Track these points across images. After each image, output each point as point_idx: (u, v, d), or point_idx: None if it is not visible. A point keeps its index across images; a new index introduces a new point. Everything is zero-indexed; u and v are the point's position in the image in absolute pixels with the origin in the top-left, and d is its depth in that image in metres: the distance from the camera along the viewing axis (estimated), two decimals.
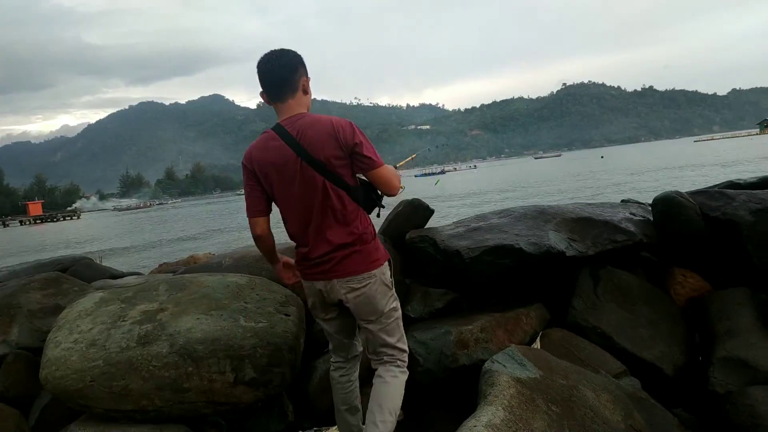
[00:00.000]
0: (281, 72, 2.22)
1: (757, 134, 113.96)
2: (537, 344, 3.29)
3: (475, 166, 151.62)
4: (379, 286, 2.24)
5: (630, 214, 4.31)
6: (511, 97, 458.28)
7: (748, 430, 2.65)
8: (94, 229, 50.57)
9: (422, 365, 3.11)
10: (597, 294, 3.72)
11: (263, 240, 2.30)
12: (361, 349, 2.49)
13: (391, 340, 2.30)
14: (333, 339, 2.40)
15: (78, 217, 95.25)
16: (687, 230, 3.96)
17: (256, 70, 2.23)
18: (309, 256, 2.20)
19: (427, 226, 4.36)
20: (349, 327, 2.39)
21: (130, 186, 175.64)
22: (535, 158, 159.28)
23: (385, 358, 2.31)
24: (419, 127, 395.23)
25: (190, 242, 22.38)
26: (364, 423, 2.28)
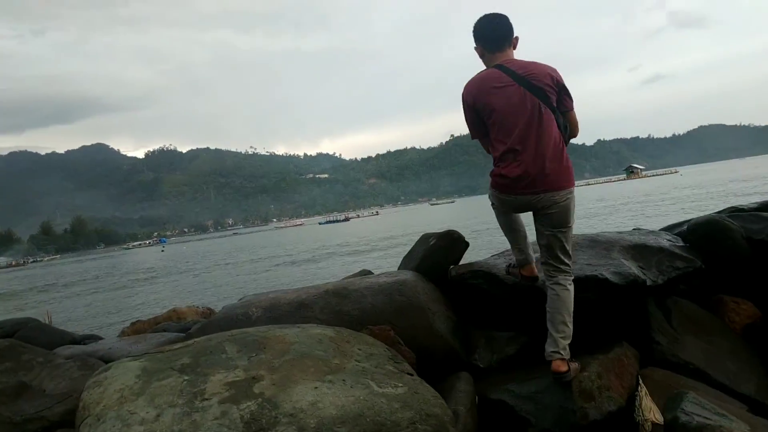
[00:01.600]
0: (505, 29, 2.77)
1: (624, 179, 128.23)
2: (643, 387, 2.86)
3: (377, 212, 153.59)
4: (573, 200, 2.76)
5: (668, 240, 4.12)
6: (404, 147, 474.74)
7: None
8: None
9: (535, 425, 2.56)
10: (673, 326, 3.41)
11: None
12: None
13: (569, 247, 2.81)
14: (520, 233, 3.04)
15: None
16: (733, 254, 3.82)
17: (482, 25, 2.77)
18: (527, 172, 2.65)
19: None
20: None
21: None
22: (431, 204, 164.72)
23: (562, 266, 2.81)
24: (318, 176, 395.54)
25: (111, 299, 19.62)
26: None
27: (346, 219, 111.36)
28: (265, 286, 16.20)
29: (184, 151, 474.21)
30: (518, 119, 2.64)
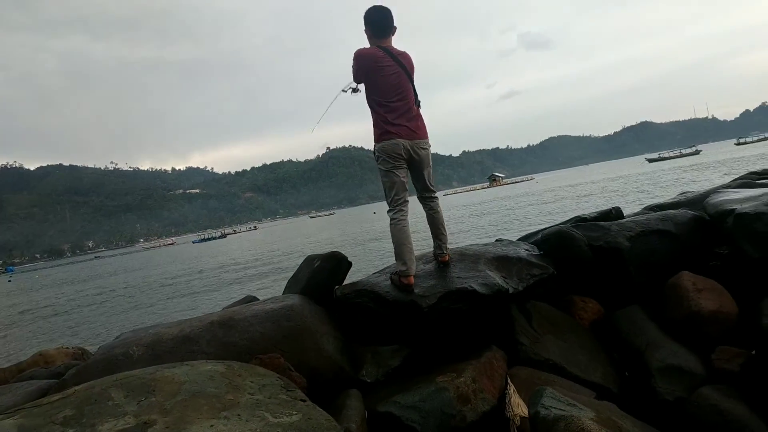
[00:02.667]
0: (390, 21, 3.75)
1: (488, 186, 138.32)
2: (511, 386, 3.21)
3: (255, 227, 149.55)
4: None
5: (525, 249, 4.62)
6: (281, 160, 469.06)
7: (719, 427, 2.93)
8: None
9: None
10: (534, 328, 3.84)
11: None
12: None
13: (433, 181, 3.94)
14: (403, 187, 3.73)
15: None
16: (579, 259, 4.38)
17: (373, 15, 3.72)
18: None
19: None
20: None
21: None
22: (311, 217, 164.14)
23: (433, 195, 3.96)
24: (188, 191, 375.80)
25: None
26: None
27: (223, 236, 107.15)
28: (141, 320, 15.05)
29: (32, 169, 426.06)
30: (396, 87, 3.69)
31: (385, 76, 3.66)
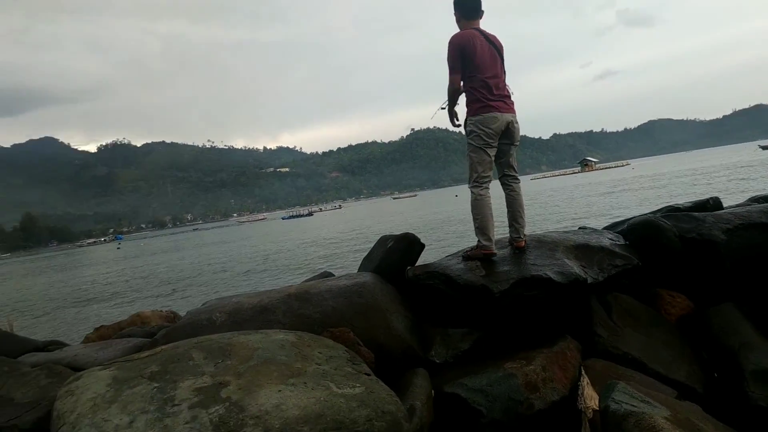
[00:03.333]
0: (479, 4, 3.85)
1: (578, 171, 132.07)
2: (585, 377, 3.11)
3: (339, 206, 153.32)
4: None
5: (609, 239, 4.41)
6: (366, 141, 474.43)
7: None
8: None
9: (486, 416, 2.76)
10: (613, 320, 3.69)
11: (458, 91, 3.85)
12: None
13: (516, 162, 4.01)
14: (490, 166, 3.78)
15: None
16: (668, 252, 4.13)
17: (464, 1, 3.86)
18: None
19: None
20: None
21: None
22: (393, 198, 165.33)
23: (516, 176, 3.99)
24: (278, 170, 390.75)
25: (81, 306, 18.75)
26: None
27: (310, 213, 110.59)
28: (228, 288, 15.98)
29: (138, 145, 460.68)
30: (492, 65, 3.76)
31: (481, 55, 3.73)
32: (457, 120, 3.96)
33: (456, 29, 3.89)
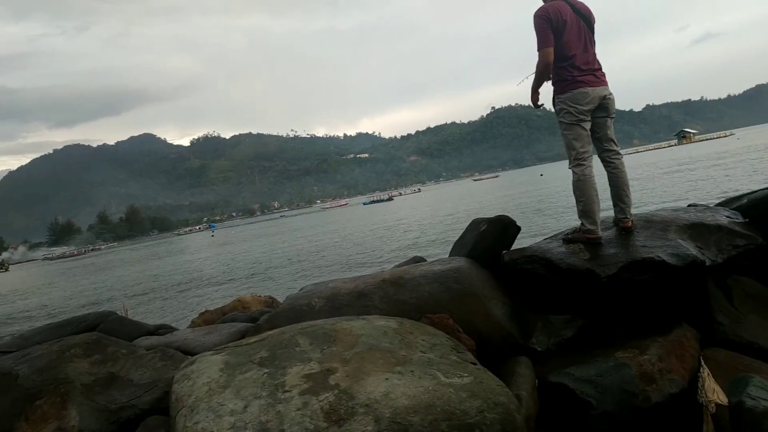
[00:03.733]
0: None
1: (675, 144, 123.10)
2: (705, 369, 2.86)
3: (419, 189, 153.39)
4: None
5: (726, 216, 4.02)
6: (444, 122, 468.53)
7: None
8: (32, 280, 46.48)
9: (597, 408, 2.60)
10: (735, 306, 3.37)
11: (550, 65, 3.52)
12: None
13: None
14: (588, 140, 3.57)
15: (6, 269, 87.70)
16: None
17: None
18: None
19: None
20: None
21: (61, 233, 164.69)
22: (474, 180, 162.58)
23: (617, 150, 3.69)
24: (358, 156, 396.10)
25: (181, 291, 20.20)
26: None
27: (390, 198, 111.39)
28: (321, 273, 16.41)
29: (227, 137, 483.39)
30: (580, 38, 3.53)
31: (569, 29, 3.51)
32: (537, 98, 3.72)
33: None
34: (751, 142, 60.52)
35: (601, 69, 3.63)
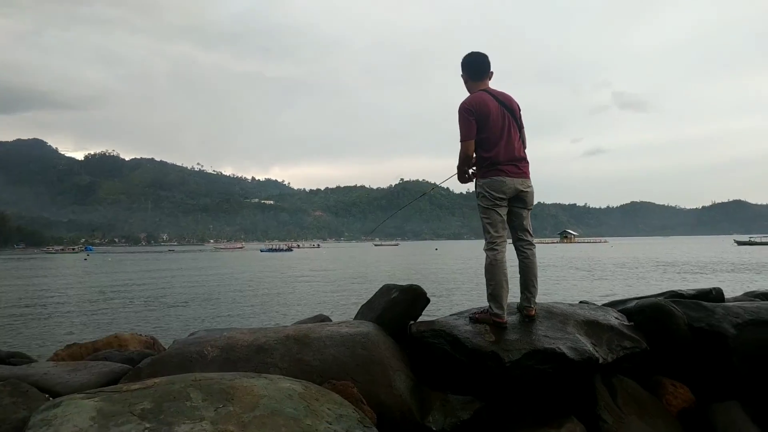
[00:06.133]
0: (487, 65, 3.76)
1: (558, 242, 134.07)
2: None
3: (318, 245, 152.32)
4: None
5: (615, 317, 4.28)
6: (354, 184, 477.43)
7: None
8: None
9: None
10: (618, 405, 3.52)
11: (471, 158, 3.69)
12: None
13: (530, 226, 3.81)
14: (503, 226, 3.65)
15: None
16: (675, 339, 4.01)
17: (471, 59, 3.77)
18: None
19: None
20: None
21: None
22: (375, 245, 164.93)
23: (531, 240, 3.80)
24: (263, 202, 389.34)
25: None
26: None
27: (289, 249, 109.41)
28: (211, 319, 15.18)
29: (126, 159, 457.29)
30: (502, 129, 3.61)
31: (493, 119, 3.59)
32: (468, 176, 3.85)
33: (464, 91, 3.79)
34: (622, 252, 66.98)
35: (524, 160, 3.74)
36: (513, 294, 3.69)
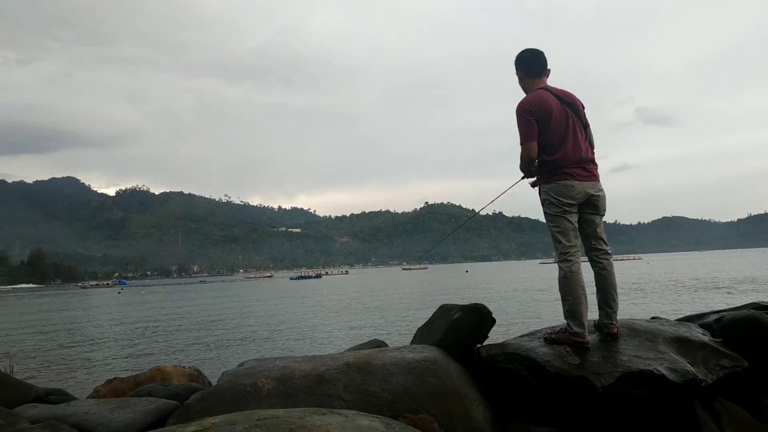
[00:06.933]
0: (545, 61, 3.46)
1: (587, 260, 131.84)
2: None
3: (347, 271, 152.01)
4: None
5: (702, 334, 3.84)
6: (379, 209, 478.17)
7: None
8: None
9: None
10: None
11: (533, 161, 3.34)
12: None
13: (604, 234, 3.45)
14: (575, 234, 3.30)
15: None
16: None
17: (528, 54, 3.48)
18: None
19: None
20: None
21: None
22: (403, 269, 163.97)
23: (606, 249, 3.42)
24: (290, 230, 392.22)
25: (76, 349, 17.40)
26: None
27: (318, 276, 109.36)
28: (258, 348, 14.69)
29: (156, 193, 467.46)
30: (566, 129, 3.32)
31: (555, 119, 3.30)
32: (534, 176, 3.49)
33: (519, 92, 3.50)
34: (657, 268, 64.88)
35: (593, 161, 3.41)
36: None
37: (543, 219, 3.47)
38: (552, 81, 3.53)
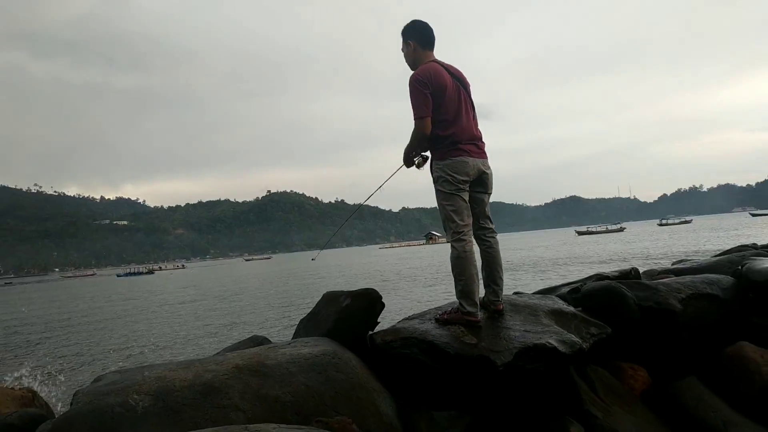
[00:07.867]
0: (434, 34, 3.39)
1: (425, 243, 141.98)
2: None
3: (183, 266, 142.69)
4: None
5: (566, 305, 4.11)
6: (218, 199, 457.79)
7: None
8: None
9: None
10: (600, 397, 3.29)
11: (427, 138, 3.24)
12: None
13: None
14: (468, 212, 3.27)
15: None
16: (628, 321, 3.92)
17: (420, 24, 3.36)
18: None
19: None
20: None
21: None
22: (246, 260, 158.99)
23: (492, 227, 3.49)
24: (115, 223, 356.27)
25: None
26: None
27: (150, 272, 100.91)
28: (102, 359, 12.21)
29: None
30: (459, 103, 3.28)
31: (449, 94, 3.22)
32: (416, 159, 3.42)
33: (403, 64, 3.43)
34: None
35: (481, 139, 3.42)
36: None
37: (381, 207, 3.41)
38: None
